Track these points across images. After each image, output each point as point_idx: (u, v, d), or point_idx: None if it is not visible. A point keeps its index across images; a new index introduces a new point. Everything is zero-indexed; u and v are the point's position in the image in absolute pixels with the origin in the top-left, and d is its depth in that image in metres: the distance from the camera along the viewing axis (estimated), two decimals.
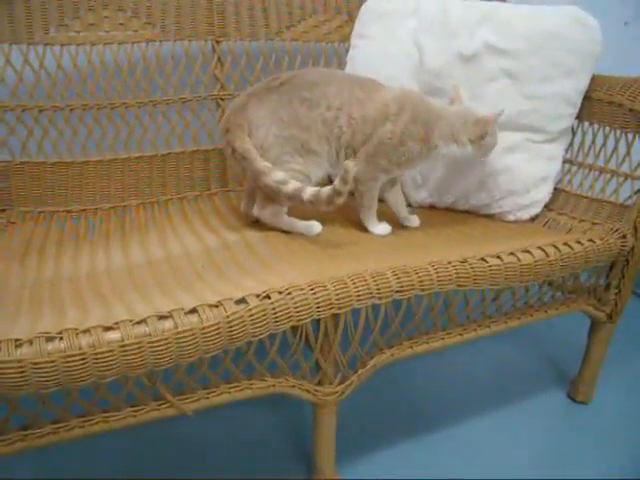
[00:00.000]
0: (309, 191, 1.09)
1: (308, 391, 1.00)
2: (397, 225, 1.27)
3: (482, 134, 1.18)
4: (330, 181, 1.17)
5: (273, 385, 0.96)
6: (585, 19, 1.27)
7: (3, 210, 1.29)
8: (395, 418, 1.35)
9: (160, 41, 1.37)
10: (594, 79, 1.31)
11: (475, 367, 1.55)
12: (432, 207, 1.42)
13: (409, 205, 1.41)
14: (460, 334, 1.12)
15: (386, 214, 1.27)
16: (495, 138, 1.21)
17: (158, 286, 0.98)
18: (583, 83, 1.29)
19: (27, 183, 1.31)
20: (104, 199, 1.37)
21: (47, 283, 1.01)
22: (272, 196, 1.16)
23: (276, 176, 1.12)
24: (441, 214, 1.39)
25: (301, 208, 1.14)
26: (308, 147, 1.17)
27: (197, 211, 1.37)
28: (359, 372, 1.03)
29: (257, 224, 1.22)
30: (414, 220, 1.30)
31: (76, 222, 1.30)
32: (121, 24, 1.34)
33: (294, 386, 0.98)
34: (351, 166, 1.02)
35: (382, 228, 1.24)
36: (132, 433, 0.93)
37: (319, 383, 1.01)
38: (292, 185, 1.11)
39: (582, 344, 1.37)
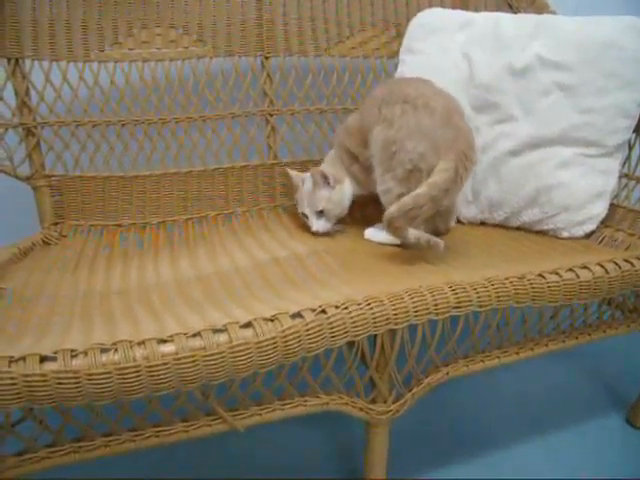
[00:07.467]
0: None
1: (361, 409, 0.97)
2: (452, 242, 1.24)
3: None
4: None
5: (327, 402, 0.94)
6: None
7: (56, 224, 1.31)
8: (445, 438, 1.31)
9: (210, 57, 1.38)
10: None
11: (529, 387, 1.50)
12: (483, 224, 1.39)
13: (459, 222, 1.39)
14: (516, 352, 1.09)
15: None
16: None
17: (209, 300, 0.97)
18: None
19: (79, 197, 1.33)
20: (153, 214, 1.38)
21: (98, 295, 1.01)
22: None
23: None
24: (493, 231, 1.35)
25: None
26: None
27: (246, 227, 1.37)
28: (414, 390, 1.00)
29: (306, 239, 1.21)
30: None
31: (125, 236, 1.31)
32: (172, 41, 1.35)
33: (347, 404, 0.96)
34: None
35: None
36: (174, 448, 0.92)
37: (373, 401, 0.98)
38: None
39: None
